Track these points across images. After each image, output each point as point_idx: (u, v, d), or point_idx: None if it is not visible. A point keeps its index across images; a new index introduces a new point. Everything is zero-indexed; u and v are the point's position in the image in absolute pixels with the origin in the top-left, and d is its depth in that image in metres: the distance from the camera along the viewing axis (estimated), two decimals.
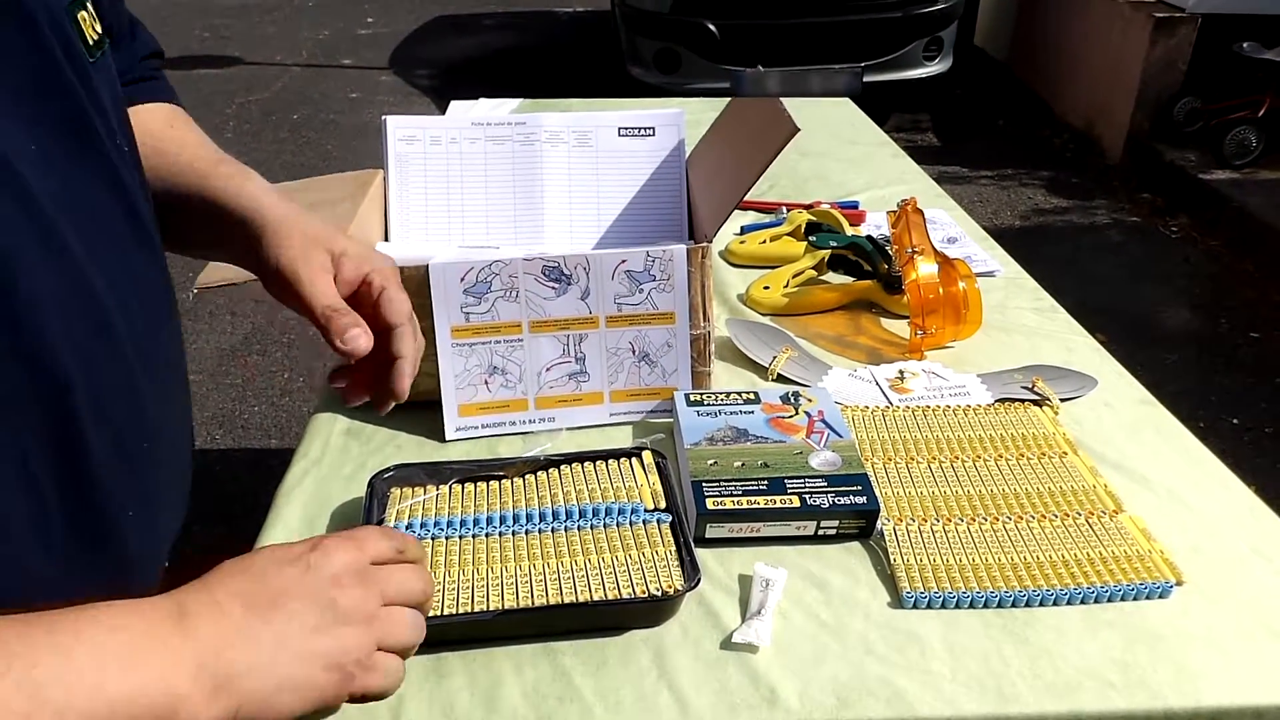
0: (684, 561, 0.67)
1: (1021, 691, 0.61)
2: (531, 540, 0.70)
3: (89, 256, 0.51)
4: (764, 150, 0.82)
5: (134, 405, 0.55)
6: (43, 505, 0.48)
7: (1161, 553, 0.71)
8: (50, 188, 0.48)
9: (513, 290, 0.84)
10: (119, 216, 0.56)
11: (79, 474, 0.49)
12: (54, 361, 0.48)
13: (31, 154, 0.47)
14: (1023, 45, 5.07)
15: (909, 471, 0.80)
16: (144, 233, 0.59)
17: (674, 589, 0.65)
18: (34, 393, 0.46)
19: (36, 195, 0.47)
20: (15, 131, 0.47)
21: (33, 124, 0.48)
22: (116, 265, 0.54)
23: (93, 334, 0.51)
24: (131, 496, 0.54)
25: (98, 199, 0.54)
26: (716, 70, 3.99)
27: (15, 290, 0.45)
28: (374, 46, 5.82)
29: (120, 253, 0.56)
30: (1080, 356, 1.00)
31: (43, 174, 0.48)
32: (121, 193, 0.56)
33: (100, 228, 0.53)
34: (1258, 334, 2.81)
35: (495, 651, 0.63)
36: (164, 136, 0.71)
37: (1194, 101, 3.82)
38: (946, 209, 1.36)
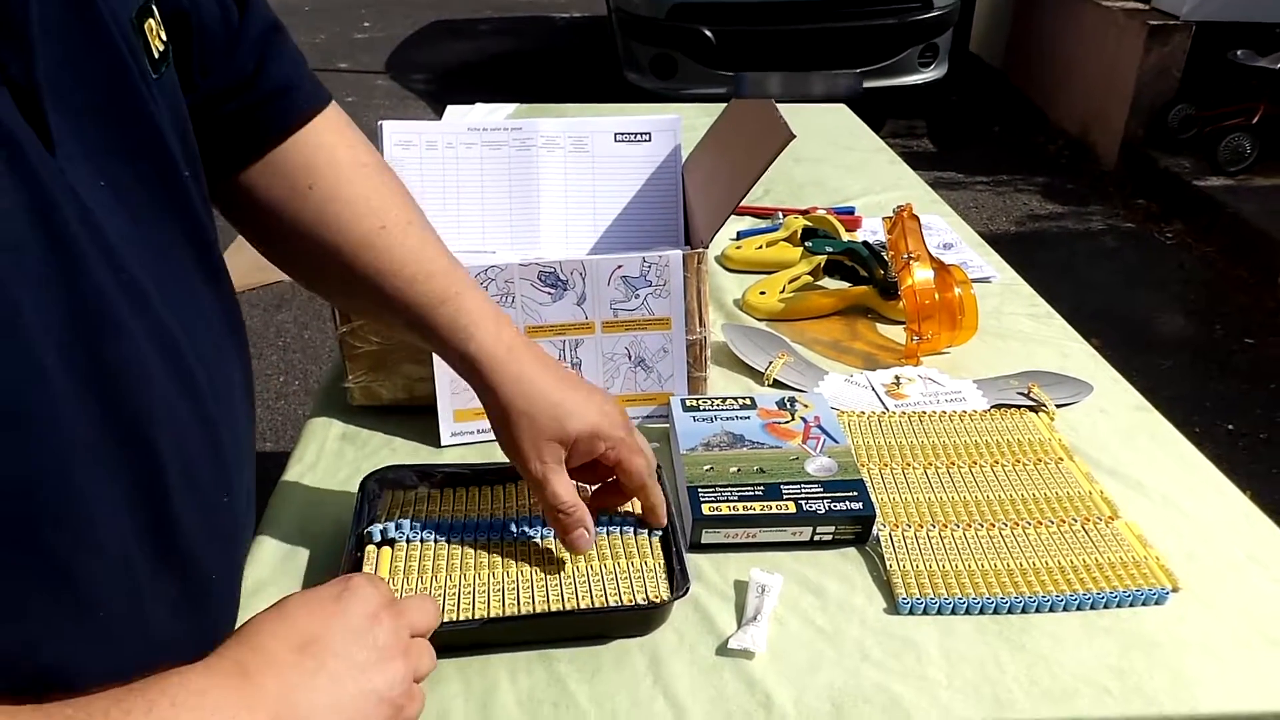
0: (673, 570, 0.67)
1: (1018, 698, 0.61)
2: (520, 546, 0.70)
3: (167, 308, 0.44)
4: (760, 156, 0.82)
5: (218, 468, 0.49)
6: (137, 585, 0.42)
7: (1157, 559, 0.71)
8: (125, 231, 0.42)
9: (509, 296, 0.84)
10: (191, 259, 0.49)
11: (171, 549, 0.44)
12: (146, 434, 0.42)
13: (102, 193, 0.41)
14: (1018, 52, 5.09)
15: (905, 477, 0.80)
16: (216, 274, 0.52)
17: (660, 598, 0.65)
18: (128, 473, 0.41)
19: (115, 244, 0.41)
20: (87, 165, 0.40)
21: (104, 155, 0.42)
22: (193, 314, 0.48)
23: (179, 397, 0.45)
24: (217, 563, 0.50)
25: (172, 241, 0.48)
26: (713, 76, 4.00)
27: (104, 357, 0.39)
28: (370, 51, 5.82)
29: (195, 300, 0.49)
30: (1076, 362, 1.00)
31: (117, 217, 0.42)
32: (195, 231, 0.49)
33: (175, 274, 0.47)
34: (1252, 340, 2.82)
35: (490, 658, 0.63)
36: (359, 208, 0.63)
37: (1188, 108, 3.84)
38: (942, 215, 1.37)
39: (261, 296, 2.94)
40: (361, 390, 0.87)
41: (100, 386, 0.39)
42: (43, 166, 0.36)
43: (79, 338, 0.38)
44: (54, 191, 0.37)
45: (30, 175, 0.36)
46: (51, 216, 0.37)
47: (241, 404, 0.54)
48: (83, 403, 0.38)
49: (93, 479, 0.39)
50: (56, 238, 0.37)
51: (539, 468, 0.64)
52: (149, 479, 0.43)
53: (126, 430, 0.41)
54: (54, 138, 0.38)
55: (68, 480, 0.38)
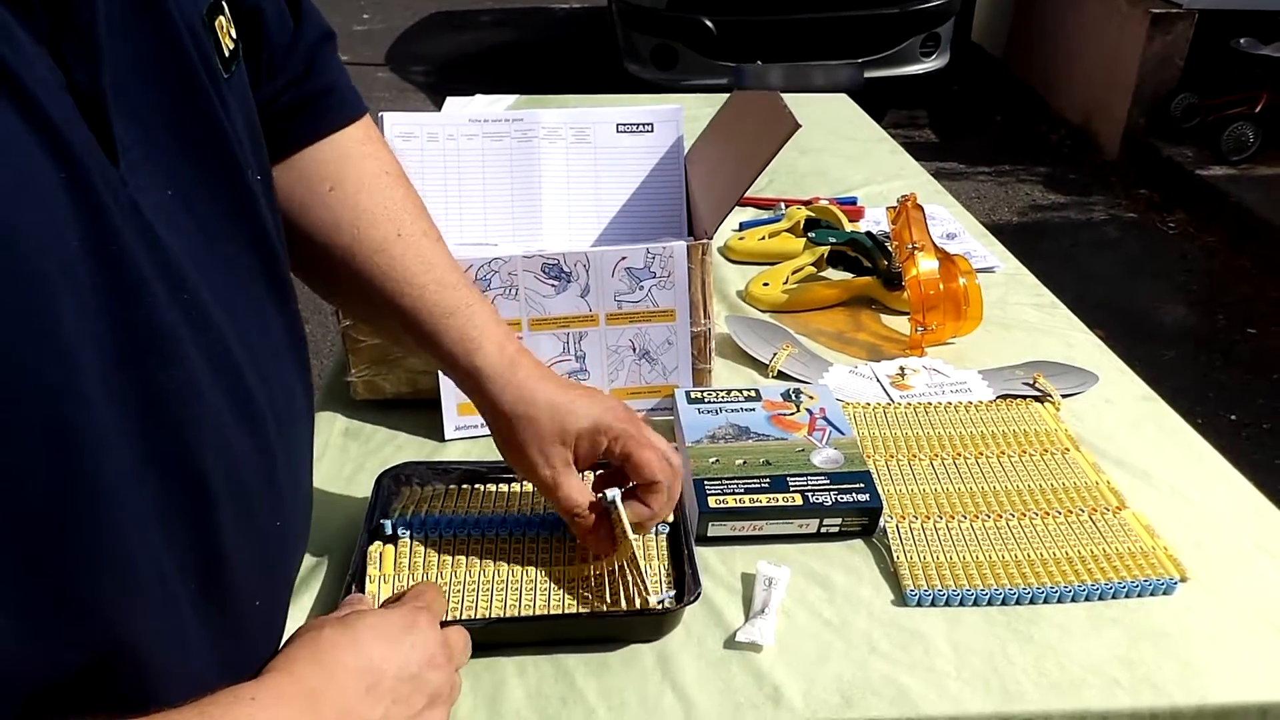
0: (684, 574, 0.66)
1: (1026, 689, 0.61)
2: (530, 544, 0.69)
3: (230, 324, 0.42)
4: (764, 146, 0.82)
5: (274, 498, 0.47)
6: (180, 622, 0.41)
7: (1165, 549, 0.71)
8: (191, 244, 0.40)
9: (512, 288, 0.83)
10: (258, 273, 0.47)
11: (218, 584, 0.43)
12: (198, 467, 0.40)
13: (168, 203, 0.39)
14: (1020, 41, 5.06)
15: (911, 468, 0.80)
16: (283, 290, 0.50)
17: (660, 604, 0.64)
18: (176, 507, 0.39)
19: (179, 262, 0.38)
20: (152, 172, 0.38)
21: (171, 159, 0.40)
22: (256, 330, 0.46)
23: (237, 425, 0.43)
24: (263, 593, 0.49)
25: (239, 252, 0.45)
26: (713, 66, 3.98)
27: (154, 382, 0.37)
28: (370, 43, 5.80)
29: (260, 314, 0.47)
30: (1081, 352, 1.00)
31: (183, 228, 0.40)
32: (262, 242, 0.47)
33: (240, 289, 0.45)
34: (1255, 330, 2.81)
35: (498, 654, 0.63)
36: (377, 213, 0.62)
37: (1191, 97, 3.82)
38: (945, 205, 1.36)
39: None
40: (364, 384, 0.87)
41: (149, 413, 0.37)
42: (105, 183, 0.35)
43: (128, 361, 0.36)
44: (114, 212, 0.35)
45: (90, 195, 0.34)
46: (109, 240, 0.35)
47: (303, 423, 0.52)
48: (125, 432, 0.36)
49: (136, 510, 0.37)
50: (113, 261, 0.35)
51: (548, 472, 0.64)
52: (199, 514, 0.41)
53: (175, 461, 0.39)
54: (118, 146, 0.36)
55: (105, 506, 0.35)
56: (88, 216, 0.33)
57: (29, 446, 0.31)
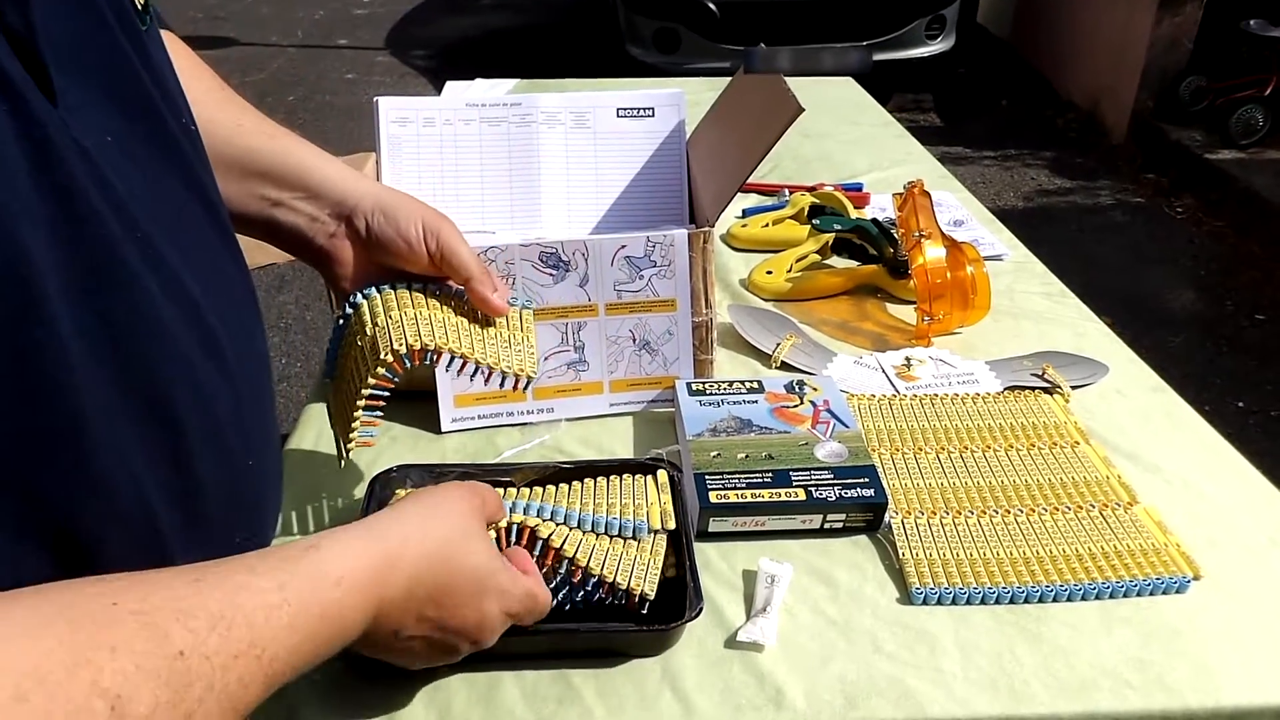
0: (688, 587, 0.62)
1: (1035, 691, 0.59)
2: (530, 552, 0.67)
3: (185, 268, 0.43)
4: (767, 131, 0.80)
5: (240, 432, 0.48)
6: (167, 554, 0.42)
7: (1178, 546, 0.69)
8: (136, 187, 0.41)
9: (509, 277, 0.81)
10: (199, 214, 0.48)
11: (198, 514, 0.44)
12: (166, 393, 0.41)
13: (109, 149, 0.40)
14: (1026, 23, 5.01)
15: (917, 462, 0.78)
16: (225, 231, 0.51)
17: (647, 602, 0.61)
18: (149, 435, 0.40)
19: (125, 200, 0.39)
20: (90, 119, 0.39)
21: (105, 108, 0.40)
22: (210, 275, 0.47)
23: (201, 356, 0.44)
24: (243, 530, 0.49)
25: (178, 196, 0.46)
26: (716, 50, 3.94)
27: (116, 312, 0.38)
28: (370, 27, 5.75)
29: (213, 261, 0.48)
30: (1091, 342, 0.98)
31: (127, 173, 0.40)
32: (198, 186, 0.48)
33: (188, 233, 0.46)
34: (1263, 316, 2.79)
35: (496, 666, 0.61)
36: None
37: (1200, 80, 3.78)
38: (952, 191, 1.34)
39: (261, 278, 2.92)
40: None
41: (115, 343, 0.38)
42: (47, 117, 0.35)
43: (90, 292, 0.37)
44: (59, 143, 0.36)
45: (34, 125, 0.35)
46: (57, 169, 0.36)
47: (263, 365, 0.53)
48: (97, 360, 0.37)
49: (113, 440, 0.38)
50: (64, 190, 0.36)
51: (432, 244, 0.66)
52: (172, 440, 0.42)
53: (144, 390, 0.40)
54: (55, 88, 0.37)
55: (85, 439, 0.37)
56: (34, 148, 0.34)
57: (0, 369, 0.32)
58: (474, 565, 0.51)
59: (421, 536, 0.49)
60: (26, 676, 0.30)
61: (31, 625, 0.32)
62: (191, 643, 0.35)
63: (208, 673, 0.35)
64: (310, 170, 0.65)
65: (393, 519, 0.49)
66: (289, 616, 0.40)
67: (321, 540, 0.44)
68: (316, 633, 0.41)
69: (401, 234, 0.66)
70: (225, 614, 0.37)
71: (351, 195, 0.66)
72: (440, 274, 0.68)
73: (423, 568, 0.48)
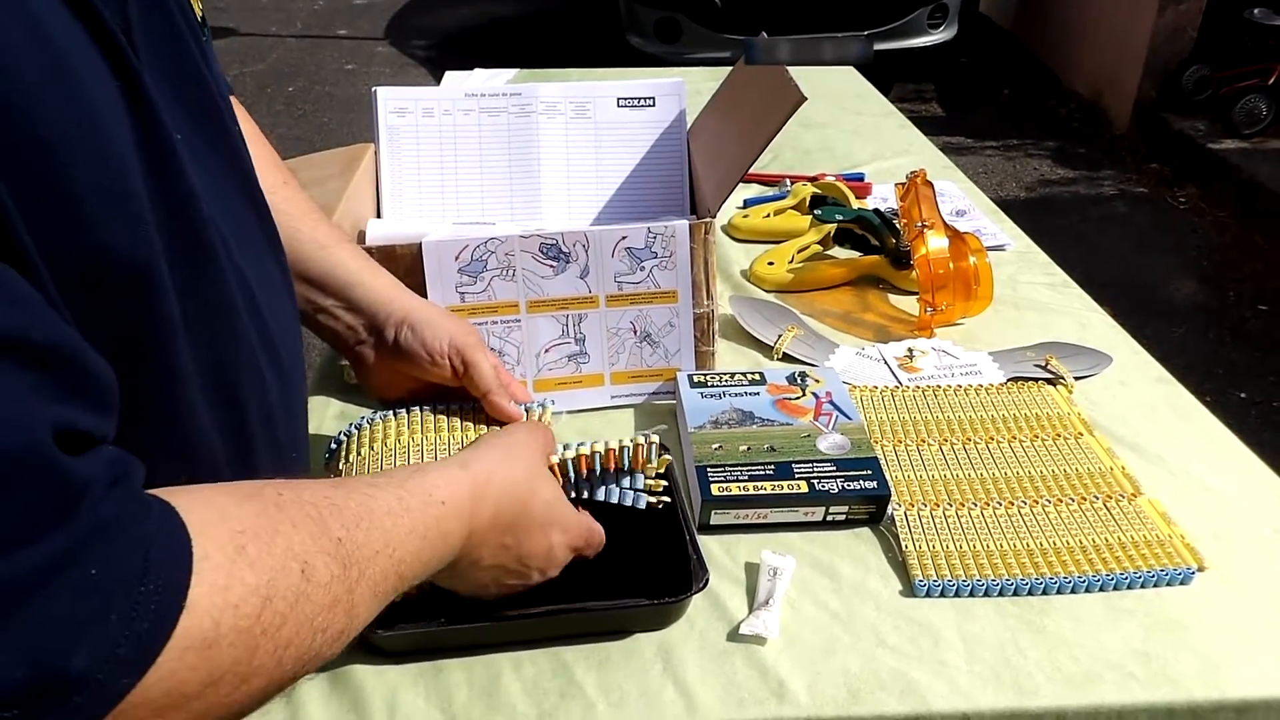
0: (691, 561, 0.63)
1: (1039, 684, 0.59)
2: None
3: (243, 260, 0.46)
4: (769, 121, 0.79)
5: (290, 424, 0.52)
6: None
7: (1182, 537, 0.69)
8: (203, 182, 0.43)
9: (509, 269, 0.81)
10: (253, 219, 0.51)
11: None
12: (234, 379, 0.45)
13: (181, 144, 0.42)
14: (1029, 12, 4.98)
15: (920, 454, 0.77)
16: (275, 240, 0.54)
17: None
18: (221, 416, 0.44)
19: (200, 192, 0.42)
20: (170, 115, 0.41)
21: (177, 107, 0.42)
22: (262, 273, 0.50)
23: (258, 348, 0.48)
24: None
25: (236, 199, 0.49)
26: (718, 39, 3.92)
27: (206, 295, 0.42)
28: (369, 17, 5.73)
29: (262, 261, 0.51)
30: (1094, 333, 0.97)
31: (195, 169, 0.42)
32: (252, 192, 0.51)
33: (245, 231, 0.48)
34: (1266, 306, 2.78)
35: (497, 650, 0.61)
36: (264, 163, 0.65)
37: (1203, 69, 3.76)
38: (955, 181, 1.33)
39: None
40: None
41: (202, 320, 0.41)
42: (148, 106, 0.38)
43: (188, 266, 0.40)
44: (164, 128, 0.39)
45: (146, 106, 0.37)
46: (165, 153, 0.39)
47: (301, 371, 0.56)
48: (189, 332, 0.40)
49: (195, 409, 0.42)
50: (171, 173, 0.39)
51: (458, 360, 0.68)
52: (237, 421, 0.46)
53: (217, 368, 0.43)
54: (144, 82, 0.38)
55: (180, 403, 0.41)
56: (144, 131, 0.37)
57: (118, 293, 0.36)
58: (544, 500, 0.56)
59: (503, 474, 0.53)
60: (241, 534, 0.36)
61: (235, 497, 0.38)
62: (345, 534, 0.41)
63: (360, 560, 0.41)
64: (355, 285, 0.69)
65: (478, 456, 0.54)
66: (409, 524, 0.45)
67: (424, 466, 0.50)
68: (429, 542, 0.47)
69: (426, 348, 0.68)
70: (363, 516, 0.42)
71: (384, 310, 0.69)
72: (461, 386, 0.70)
73: (504, 502, 0.53)
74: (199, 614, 0.33)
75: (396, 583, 0.44)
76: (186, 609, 0.32)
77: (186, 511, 0.35)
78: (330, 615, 0.39)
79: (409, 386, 0.71)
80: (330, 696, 0.58)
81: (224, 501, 0.37)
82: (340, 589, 0.39)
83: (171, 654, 0.32)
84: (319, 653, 0.39)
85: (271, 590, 0.36)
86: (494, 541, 0.53)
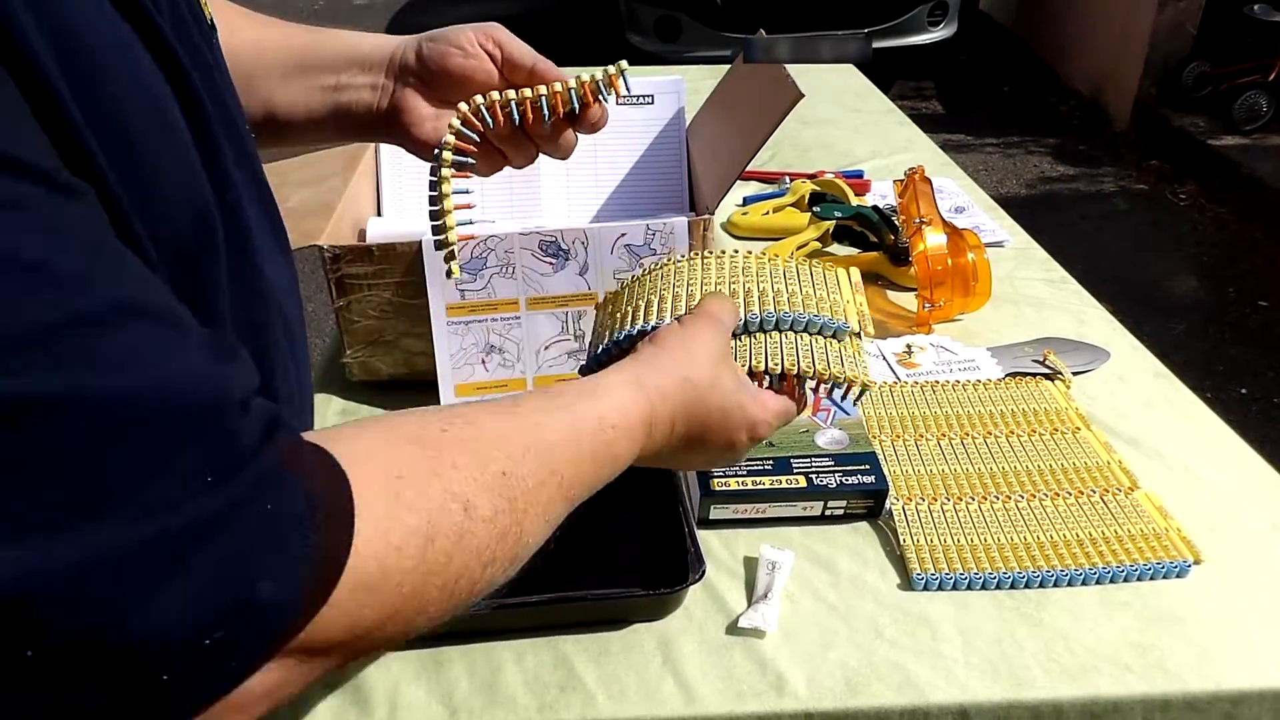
0: (688, 553, 0.65)
1: (1036, 675, 0.59)
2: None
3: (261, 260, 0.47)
4: (767, 117, 0.79)
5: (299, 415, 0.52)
6: None
7: (1178, 531, 0.69)
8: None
9: (509, 266, 0.81)
10: (268, 223, 0.51)
11: None
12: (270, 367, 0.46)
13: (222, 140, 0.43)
14: (1029, 10, 4.98)
15: (918, 449, 0.78)
16: (282, 232, 0.54)
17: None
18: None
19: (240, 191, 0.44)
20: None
21: None
22: (277, 271, 0.50)
23: (283, 337, 0.49)
24: None
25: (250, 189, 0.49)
26: (718, 38, 3.92)
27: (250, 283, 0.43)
28: (370, 16, 5.73)
29: (275, 260, 0.51)
30: (1092, 328, 0.97)
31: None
32: (262, 189, 0.51)
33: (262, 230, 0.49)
34: (1266, 302, 2.78)
35: (496, 639, 0.61)
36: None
37: (1203, 66, 3.76)
38: (953, 178, 1.33)
39: None
40: (360, 365, 0.85)
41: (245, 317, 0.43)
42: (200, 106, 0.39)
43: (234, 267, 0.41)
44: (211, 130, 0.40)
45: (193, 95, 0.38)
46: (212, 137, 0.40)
47: (308, 365, 0.56)
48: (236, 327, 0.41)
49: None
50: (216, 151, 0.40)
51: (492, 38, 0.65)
52: None
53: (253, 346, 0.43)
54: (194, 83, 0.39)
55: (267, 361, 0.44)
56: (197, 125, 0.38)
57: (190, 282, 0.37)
58: (721, 404, 0.55)
59: (678, 386, 0.53)
60: (397, 478, 0.37)
61: (390, 440, 0.39)
62: (510, 466, 0.42)
63: (527, 490, 0.42)
64: (356, 46, 0.66)
65: (653, 371, 0.54)
66: (578, 452, 0.46)
67: (596, 389, 0.51)
68: (599, 466, 0.48)
69: (454, 43, 0.64)
70: (530, 446, 0.43)
71: (399, 46, 0.66)
72: (504, 79, 0.66)
73: (679, 414, 0.53)
74: (364, 556, 0.35)
75: (565, 506, 0.46)
76: (352, 551, 0.34)
77: (342, 457, 0.36)
78: (499, 547, 0.40)
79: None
80: (332, 690, 0.58)
81: (381, 446, 0.38)
82: (507, 521, 0.41)
83: (343, 592, 0.34)
84: (492, 580, 0.41)
85: (433, 531, 0.37)
86: (670, 452, 0.55)
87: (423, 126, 0.65)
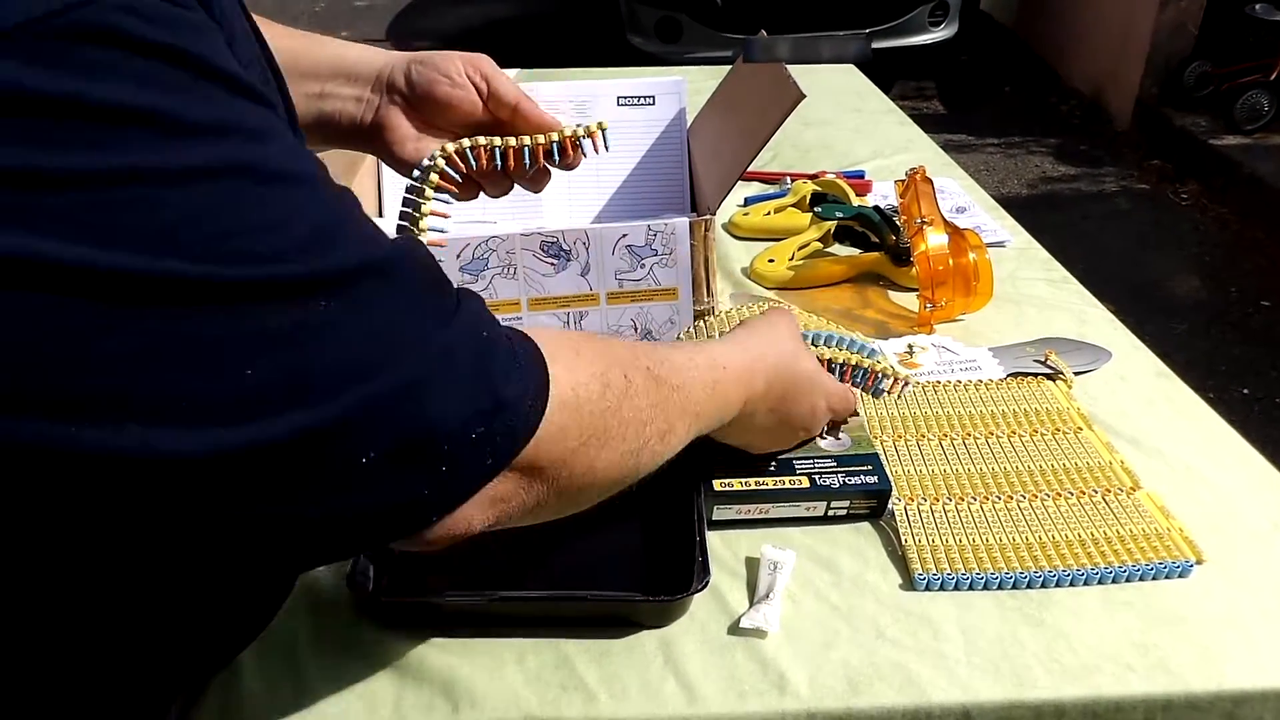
0: (695, 562, 0.64)
1: (1038, 676, 0.59)
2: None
3: None
4: (768, 118, 0.79)
5: None
6: None
7: (1180, 530, 0.69)
8: None
9: (511, 267, 0.81)
10: None
11: None
12: None
13: None
14: (1030, 9, 4.98)
15: (920, 449, 0.78)
16: None
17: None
18: None
19: None
20: None
21: None
22: None
23: None
24: None
25: None
26: (718, 39, 3.92)
27: None
28: (371, 18, 5.74)
29: None
30: (1094, 328, 0.97)
31: None
32: None
33: None
34: (1268, 302, 2.78)
35: (497, 638, 0.62)
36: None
37: (1204, 65, 3.75)
38: (955, 178, 1.33)
39: None
40: None
41: None
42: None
43: None
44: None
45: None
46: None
47: None
48: None
49: None
50: None
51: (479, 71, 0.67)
52: None
53: None
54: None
55: None
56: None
57: None
58: (807, 370, 0.66)
59: (774, 352, 0.64)
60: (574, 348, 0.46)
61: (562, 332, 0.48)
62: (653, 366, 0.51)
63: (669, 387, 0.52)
64: (342, 56, 0.67)
65: (750, 338, 0.64)
66: (699, 377, 0.55)
67: (707, 343, 0.62)
68: (714, 397, 0.57)
69: (442, 71, 0.66)
70: (665, 359, 0.53)
71: (386, 64, 0.67)
72: (487, 111, 0.67)
73: (773, 374, 0.63)
74: (561, 384, 0.43)
75: (693, 421, 0.54)
76: (551, 378, 0.42)
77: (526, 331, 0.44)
78: (652, 414, 0.49)
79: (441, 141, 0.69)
80: (335, 688, 0.58)
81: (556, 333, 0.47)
82: (657, 396, 0.50)
83: (553, 407, 0.42)
84: (646, 443, 0.49)
85: (605, 381, 0.46)
86: (765, 409, 0.63)
87: (405, 146, 0.67)
